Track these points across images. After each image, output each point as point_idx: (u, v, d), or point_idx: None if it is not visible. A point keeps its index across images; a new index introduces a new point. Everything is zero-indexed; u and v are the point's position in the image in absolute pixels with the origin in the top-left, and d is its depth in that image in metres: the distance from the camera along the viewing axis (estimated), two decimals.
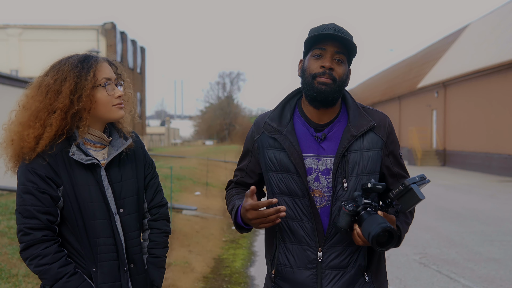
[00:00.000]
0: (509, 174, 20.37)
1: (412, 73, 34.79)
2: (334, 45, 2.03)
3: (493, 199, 13.49)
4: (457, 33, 31.67)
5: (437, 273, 6.37)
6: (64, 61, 2.11)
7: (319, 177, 2.06)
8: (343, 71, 2.06)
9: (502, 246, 7.86)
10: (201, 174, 17.19)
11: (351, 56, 2.10)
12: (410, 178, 1.89)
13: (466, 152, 24.66)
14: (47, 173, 2.02)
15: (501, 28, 24.13)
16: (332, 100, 2.05)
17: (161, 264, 2.27)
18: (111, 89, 2.11)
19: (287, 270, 2.11)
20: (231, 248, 7.92)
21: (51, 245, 2.00)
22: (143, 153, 2.30)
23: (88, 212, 2.05)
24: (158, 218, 2.31)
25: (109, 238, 2.08)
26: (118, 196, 2.13)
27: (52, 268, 1.98)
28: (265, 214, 1.95)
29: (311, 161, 2.06)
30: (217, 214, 10.75)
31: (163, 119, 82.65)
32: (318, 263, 2.06)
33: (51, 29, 30.94)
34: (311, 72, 2.05)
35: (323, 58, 2.04)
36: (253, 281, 6.21)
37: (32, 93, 2.11)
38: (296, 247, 2.09)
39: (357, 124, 2.08)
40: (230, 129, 64.66)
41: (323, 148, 2.07)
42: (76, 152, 2.05)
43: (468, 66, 24.52)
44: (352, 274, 2.07)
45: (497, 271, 6.46)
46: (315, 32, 2.06)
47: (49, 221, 2.01)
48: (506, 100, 21.00)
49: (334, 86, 2.03)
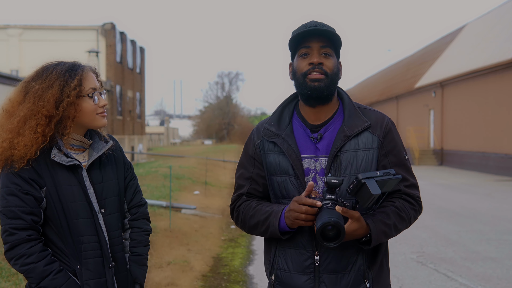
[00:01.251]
0: (506, 173, 20.43)
1: (410, 73, 34.84)
2: (318, 41, 2.02)
3: (490, 198, 13.53)
4: (455, 33, 31.70)
5: (435, 272, 6.40)
6: (52, 68, 2.14)
7: (316, 177, 2.04)
8: (333, 64, 2.03)
9: (499, 245, 7.89)
10: (200, 173, 17.23)
11: (337, 48, 2.07)
12: (366, 173, 1.86)
13: (463, 151, 24.72)
14: (30, 175, 2.07)
15: (498, 29, 24.18)
16: (327, 95, 2.04)
17: (143, 262, 2.32)
18: (97, 98, 2.17)
19: (285, 275, 2.08)
20: (230, 247, 7.95)
21: (35, 244, 2.04)
22: (122, 156, 2.36)
23: (71, 211, 2.09)
24: (138, 217, 2.36)
25: (93, 236, 2.13)
26: (100, 196, 2.18)
27: (38, 267, 2.02)
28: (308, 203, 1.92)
29: (308, 162, 2.05)
30: (216, 213, 10.77)
31: (162, 119, 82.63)
32: (315, 267, 2.03)
33: (51, 29, 30.94)
34: (301, 72, 2.03)
35: (310, 56, 2.02)
36: (252, 279, 6.25)
37: (18, 98, 2.13)
38: (293, 251, 2.06)
39: (351, 124, 2.05)
40: (229, 128, 64.69)
41: (319, 148, 2.06)
42: (57, 154, 2.10)
43: (465, 66, 24.57)
44: (352, 278, 2.02)
45: (494, 270, 6.48)
46: (296, 32, 2.05)
47: (33, 221, 2.05)
48: (503, 100, 21.06)
49: (327, 80, 2.01)
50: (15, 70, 27.91)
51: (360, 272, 2.03)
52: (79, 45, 27.66)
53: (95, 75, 2.22)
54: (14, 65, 28.82)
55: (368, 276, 2.04)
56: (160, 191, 11.89)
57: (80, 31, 30.56)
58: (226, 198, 13.25)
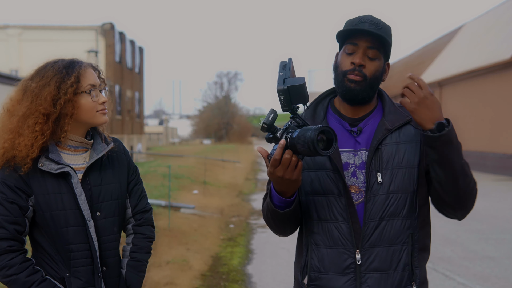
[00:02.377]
0: (504, 173, 20.46)
1: (408, 73, 34.89)
2: (367, 40, 1.90)
3: (488, 198, 13.52)
4: (452, 33, 31.70)
5: (433, 271, 6.40)
6: (49, 66, 2.11)
7: (356, 172, 1.92)
8: (376, 68, 1.92)
9: (497, 244, 7.92)
10: (199, 172, 17.23)
11: (387, 50, 1.96)
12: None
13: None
14: (17, 184, 2.03)
15: (496, 29, 24.19)
16: (363, 98, 1.94)
17: (141, 268, 2.29)
18: (95, 95, 2.12)
19: (321, 276, 1.92)
20: (229, 246, 7.97)
21: (17, 255, 2.01)
22: (127, 159, 2.31)
23: (60, 219, 2.05)
24: (143, 224, 2.32)
25: (83, 244, 2.09)
26: (96, 199, 2.14)
27: (19, 278, 1.99)
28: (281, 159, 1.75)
29: (347, 156, 1.94)
30: (214, 212, 10.79)
31: (161, 119, 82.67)
32: (356, 266, 1.88)
33: (51, 29, 30.96)
34: (342, 69, 1.93)
35: (354, 55, 1.91)
36: (250, 278, 6.27)
37: (18, 97, 2.11)
38: (331, 251, 1.91)
39: (392, 119, 1.96)
40: (227, 128, 64.72)
41: (358, 142, 1.96)
42: (45, 162, 2.05)
43: (463, 66, 24.59)
44: (397, 279, 1.88)
45: (492, 269, 6.51)
46: (348, 25, 1.94)
47: (17, 231, 2.02)
48: (501, 100, 21.09)
49: (364, 84, 1.91)
50: (14, 70, 27.93)
51: (406, 272, 1.89)
52: (79, 45, 27.65)
53: (96, 72, 2.18)
54: (13, 65, 28.84)
55: (415, 279, 1.90)
56: (159, 190, 11.90)
57: (79, 31, 30.58)
58: (225, 198, 13.28)
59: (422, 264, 1.94)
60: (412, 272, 1.90)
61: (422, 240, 1.95)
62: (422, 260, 1.95)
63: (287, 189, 1.82)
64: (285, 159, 1.73)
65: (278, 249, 7.76)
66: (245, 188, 16.56)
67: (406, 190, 1.90)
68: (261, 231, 9.26)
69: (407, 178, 1.90)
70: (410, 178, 1.90)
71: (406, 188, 1.90)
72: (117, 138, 2.34)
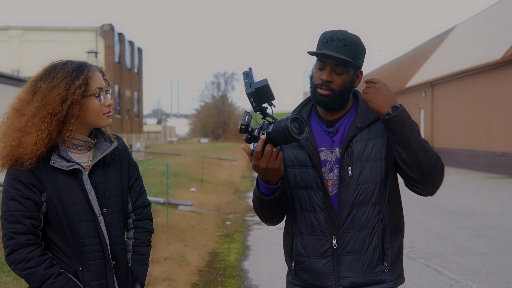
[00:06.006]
0: (494, 170, 20.56)
1: (401, 73, 34.95)
2: (333, 59, 2.08)
3: (479, 195, 13.60)
4: (444, 34, 31.65)
5: (425, 267, 6.48)
6: (59, 68, 2.14)
7: (333, 167, 2.15)
8: (343, 81, 2.11)
9: (488, 240, 7.97)
10: (197, 171, 17.26)
11: (356, 61, 2.12)
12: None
13: (453, 149, 24.87)
14: (30, 180, 2.08)
15: (487, 30, 24.25)
16: (333, 107, 2.16)
17: (144, 261, 2.35)
18: (103, 98, 2.17)
19: (305, 260, 2.18)
20: (226, 243, 8.04)
21: (35, 249, 2.06)
22: (127, 156, 2.37)
23: (72, 215, 2.11)
24: (142, 218, 2.38)
25: (95, 238, 2.15)
26: (102, 196, 2.19)
27: (38, 271, 2.04)
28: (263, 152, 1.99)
29: (325, 154, 2.16)
30: (212, 209, 10.85)
31: (159, 118, 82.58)
32: (333, 250, 2.12)
33: (51, 30, 31.01)
34: (314, 83, 2.15)
35: (323, 71, 2.11)
36: (247, 274, 6.34)
37: (27, 97, 2.14)
38: (311, 238, 2.16)
39: (363, 118, 2.15)
40: (224, 127, 64.67)
41: (334, 141, 2.17)
42: (57, 160, 2.10)
43: (455, 67, 24.67)
44: (369, 259, 2.12)
45: (483, 265, 6.55)
46: (320, 42, 2.13)
47: (33, 226, 2.06)
48: (491, 99, 21.21)
49: (333, 96, 2.12)
50: (16, 70, 28.02)
51: (376, 253, 2.11)
52: (79, 45, 27.70)
53: (102, 74, 2.22)
54: (15, 65, 28.93)
55: (386, 258, 2.13)
56: (157, 188, 11.91)
57: (79, 32, 30.64)
58: (222, 195, 13.33)
59: (395, 245, 2.17)
60: (383, 252, 2.13)
61: (394, 224, 2.17)
62: (395, 242, 2.17)
63: (272, 177, 2.05)
64: (267, 151, 1.97)
65: (274, 245, 7.82)
66: (241, 186, 16.62)
67: (374, 180, 2.13)
68: (257, 228, 9.33)
69: (374, 169, 2.12)
70: (377, 169, 2.13)
71: (374, 178, 2.12)
72: (118, 135, 2.40)
